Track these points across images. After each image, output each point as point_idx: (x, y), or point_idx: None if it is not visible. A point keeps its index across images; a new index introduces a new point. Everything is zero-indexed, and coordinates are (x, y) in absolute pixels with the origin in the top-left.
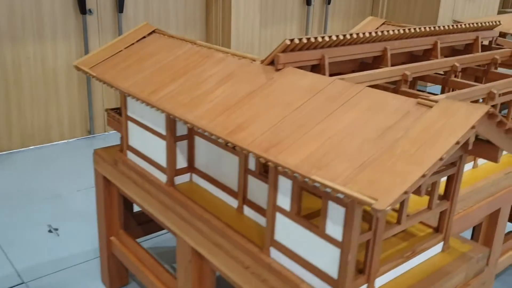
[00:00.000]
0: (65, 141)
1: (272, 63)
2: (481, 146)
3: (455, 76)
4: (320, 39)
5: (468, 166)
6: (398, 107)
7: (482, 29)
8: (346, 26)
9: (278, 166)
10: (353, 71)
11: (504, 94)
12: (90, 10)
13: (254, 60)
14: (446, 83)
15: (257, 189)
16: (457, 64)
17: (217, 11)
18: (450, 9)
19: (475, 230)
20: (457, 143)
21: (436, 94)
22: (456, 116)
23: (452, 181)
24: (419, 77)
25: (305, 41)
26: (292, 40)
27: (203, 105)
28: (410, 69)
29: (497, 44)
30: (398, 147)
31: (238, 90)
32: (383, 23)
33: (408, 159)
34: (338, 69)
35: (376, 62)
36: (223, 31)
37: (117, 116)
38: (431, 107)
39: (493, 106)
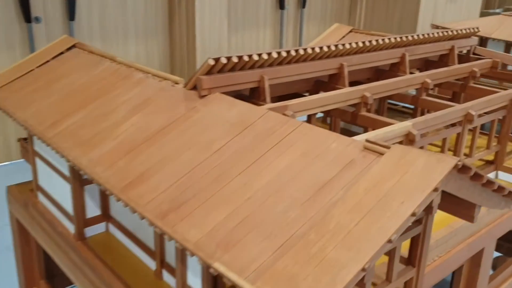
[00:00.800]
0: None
1: (195, 87)
2: (452, 201)
3: (428, 94)
4: (256, 57)
5: None
6: (340, 153)
7: (458, 37)
8: (322, 31)
9: (176, 242)
10: (308, 91)
11: (486, 113)
12: (36, 18)
13: (177, 83)
14: (416, 102)
15: None
16: (429, 81)
17: (181, 17)
18: (430, 12)
19: (455, 274)
20: (413, 214)
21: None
22: (413, 171)
23: (417, 243)
24: (387, 97)
25: (235, 60)
26: (217, 60)
27: (105, 143)
28: (371, 90)
29: (476, 54)
30: (333, 218)
31: (150, 123)
32: (350, 31)
33: (344, 240)
34: (288, 90)
35: (332, 81)
36: (188, 38)
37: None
38: (381, 154)
39: (472, 129)
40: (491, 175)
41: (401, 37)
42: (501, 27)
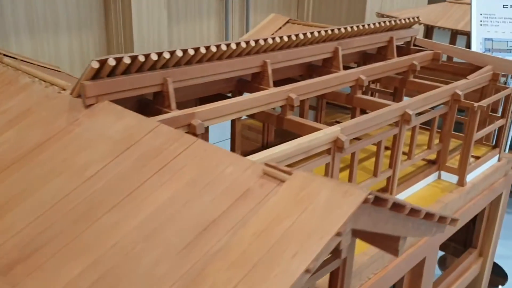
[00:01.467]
0: None
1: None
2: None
3: (363, 91)
4: (155, 57)
5: None
6: (235, 180)
7: (397, 27)
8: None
9: None
10: (231, 92)
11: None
12: None
13: (64, 90)
14: (351, 101)
15: None
16: (363, 78)
17: (116, 8)
18: (379, 1)
19: (396, 287)
20: (307, 271)
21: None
22: (313, 209)
23: (336, 277)
24: (321, 95)
25: (127, 60)
26: (104, 61)
27: None
28: (296, 90)
29: (417, 46)
30: (208, 277)
31: (25, 139)
32: (287, 22)
33: None
34: (207, 91)
35: (255, 80)
36: (125, 30)
37: None
38: (283, 182)
39: (414, 127)
40: (434, 176)
41: (332, 30)
42: (447, 15)
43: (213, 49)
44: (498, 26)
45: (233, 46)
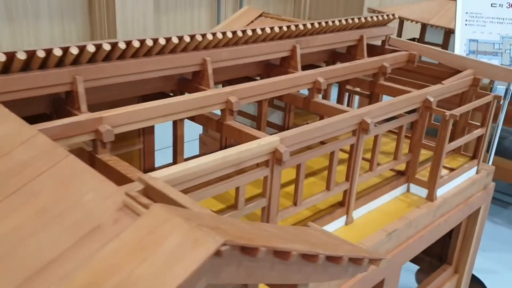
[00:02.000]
0: None
1: None
2: None
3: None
4: (58, 52)
5: (338, 223)
6: (91, 210)
7: (369, 25)
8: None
9: None
10: (172, 91)
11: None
12: None
13: None
14: (308, 105)
15: None
16: (321, 80)
17: None
18: None
19: None
20: None
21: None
22: (154, 259)
23: None
24: (278, 97)
25: (22, 56)
26: None
27: None
28: (237, 93)
29: (391, 46)
30: None
31: None
32: (260, 15)
33: None
34: (142, 90)
35: (195, 80)
36: (109, 19)
37: None
38: (138, 215)
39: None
40: (402, 188)
41: (288, 26)
42: (441, 12)
43: (136, 44)
44: (485, 27)
45: (162, 41)
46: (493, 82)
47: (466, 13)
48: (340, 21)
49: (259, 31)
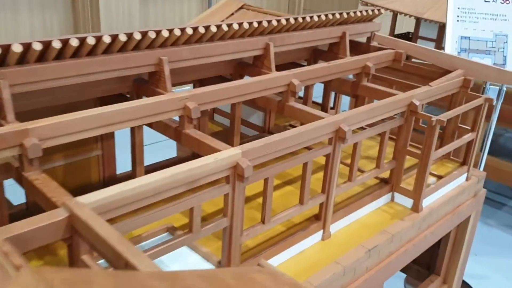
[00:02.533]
0: None
1: None
2: None
3: (301, 97)
4: None
5: (314, 238)
6: None
7: (353, 21)
8: (259, 4)
9: None
10: (128, 93)
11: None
12: None
13: None
14: (282, 109)
15: None
16: (296, 83)
17: None
18: None
19: None
20: None
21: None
22: None
23: None
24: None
25: None
26: None
27: None
28: (198, 98)
29: (378, 43)
30: None
31: None
32: (241, 7)
33: None
34: (100, 91)
35: (152, 82)
36: (92, 10)
37: None
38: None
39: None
40: (387, 197)
41: (260, 22)
42: (436, 6)
43: (74, 43)
44: (477, 23)
45: (107, 39)
46: (486, 82)
47: (458, 8)
48: (319, 16)
49: (225, 28)
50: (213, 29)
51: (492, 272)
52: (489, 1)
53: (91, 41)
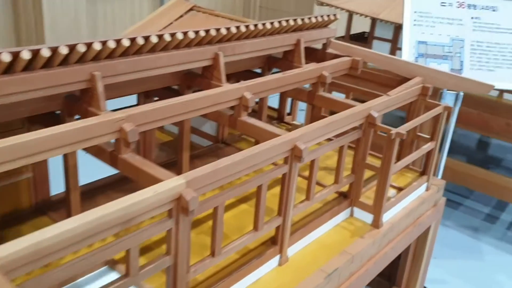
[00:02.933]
0: None
1: None
2: None
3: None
4: None
5: (271, 263)
6: None
7: (308, 27)
8: (213, 2)
9: None
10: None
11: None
12: None
13: None
14: (234, 124)
15: None
16: (248, 96)
17: None
18: None
19: None
20: None
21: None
22: None
23: None
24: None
25: None
26: None
27: None
28: (135, 118)
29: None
30: None
31: None
32: (191, 9)
33: None
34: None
35: (85, 99)
36: (35, 7)
37: None
38: None
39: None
40: (346, 213)
41: (207, 31)
42: (391, 6)
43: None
44: (434, 28)
45: (26, 55)
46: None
47: (415, 12)
48: (272, 23)
49: (167, 37)
50: (154, 39)
51: (451, 276)
52: (445, 5)
53: (6, 58)
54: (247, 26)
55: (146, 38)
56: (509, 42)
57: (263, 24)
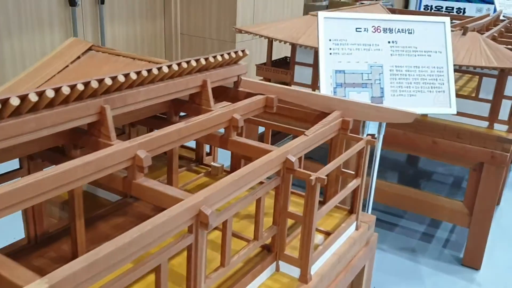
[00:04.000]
0: None
1: None
2: None
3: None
4: None
5: None
6: None
7: (215, 66)
8: (132, 31)
9: None
10: None
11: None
12: None
13: None
14: (129, 187)
15: None
16: (142, 155)
17: None
18: (250, 5)
19: None
20: None
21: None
22: None
23: None
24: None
25: None
26: None
27: None
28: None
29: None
30: None
31: None
32: (90, 48)
33: None
34: None
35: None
36: None
37: None
38: None
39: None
40: (271, 268)
41: (87, 83)
42: (308, 31)
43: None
44: (351, 55)
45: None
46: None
47: (330, 40)
48: (170, 66)
49: (33, 98)
50: (33, 98)
51: None
52: (360, 31)
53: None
54: (138, 73)
55: (24, 98)
56: (427, 64)
57: (159, 69)
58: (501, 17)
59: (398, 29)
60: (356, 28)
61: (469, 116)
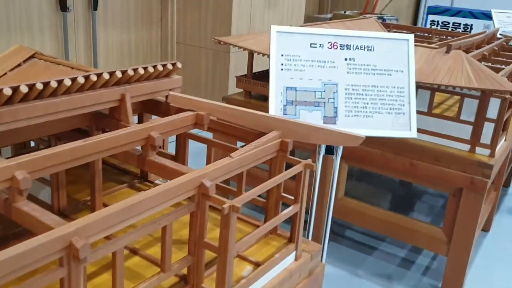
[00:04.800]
0: None
1: None
2: None
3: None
4: None
5: None
6: None
7: (138, 79)
8: (126, 38)
9: None
10: None
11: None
12: None
13: None
14: (9, 212)
15: None
16: (19, 177)
17: None
18: (246, 15)
19: None
20: None
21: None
22: None
23: None
24: None
25: None
26: None
27: None
28: None
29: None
30: None
31: None
32: (33, 56)
33: None
34: None
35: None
36: None
37: None
38: None
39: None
40: None
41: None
42: None
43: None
44: (304, 72)
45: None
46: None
47: (282, 55)
48: (88, 77)
49: None
50: None
51: None
52: (315, 46)
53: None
54: (46, 83)
55: None
56: (387, 84)
57: (73, 80)
58: (498, 35)
59: (357, 45)
60: (311, 44)
61: (450, 138)
